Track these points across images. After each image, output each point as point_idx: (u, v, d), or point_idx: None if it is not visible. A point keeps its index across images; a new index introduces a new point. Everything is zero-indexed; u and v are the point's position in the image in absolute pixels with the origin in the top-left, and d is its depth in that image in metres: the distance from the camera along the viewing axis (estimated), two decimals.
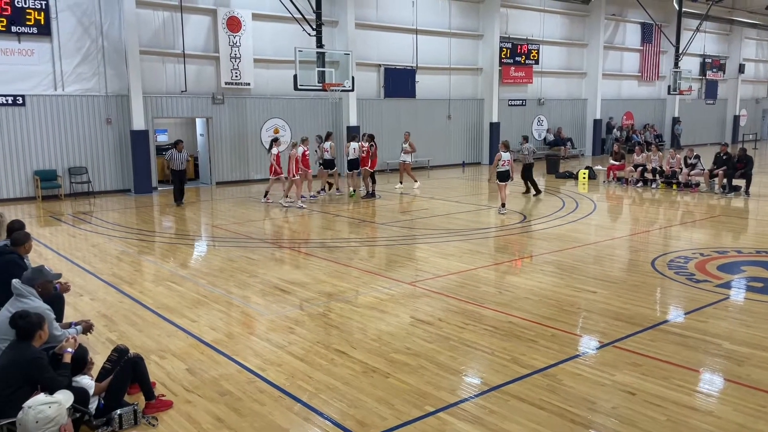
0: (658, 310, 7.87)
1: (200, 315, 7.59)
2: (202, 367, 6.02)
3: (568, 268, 9.59)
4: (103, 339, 6.71)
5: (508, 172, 14.52)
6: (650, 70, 33.74)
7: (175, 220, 14.98)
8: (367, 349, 6.41)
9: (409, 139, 19.04)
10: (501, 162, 14.45)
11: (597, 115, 30.85)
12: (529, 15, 27.72)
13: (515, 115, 28.05)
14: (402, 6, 23.51)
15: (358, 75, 20.23)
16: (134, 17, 17.63)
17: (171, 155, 16.16)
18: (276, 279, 9.18)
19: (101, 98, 17.93)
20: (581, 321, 7.33)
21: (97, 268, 9.89)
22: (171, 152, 16.23)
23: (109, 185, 18.40)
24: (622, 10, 31.52)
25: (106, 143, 18.19)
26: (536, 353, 6.23)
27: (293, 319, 7.42)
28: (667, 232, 12.75)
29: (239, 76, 20.02)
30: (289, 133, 21.16)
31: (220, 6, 19.52)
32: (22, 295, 5.08)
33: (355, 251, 11.24)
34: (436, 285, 8.75)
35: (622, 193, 18.39)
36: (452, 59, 25.42)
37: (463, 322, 7.19)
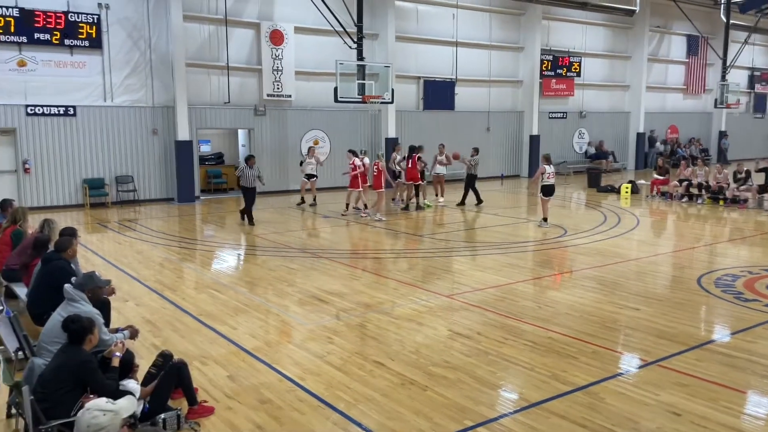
0: (704, 329, 7.67)
1: (240, 323, 7.70)
2: (242, 374, 6.11)
3: (609, 284, 9.42)
4: (148, 344, 6.87)
5: (553, 186, 14.29)
6: (696, 83, 32.99)
7: (216, 228, 15.26)
8: (404, 361, 6.41)
9: (445, 152, 18.58)
10: (546, 175, 14.17)
11: (640, 129, 30.28)
12: (570, 27, 27.47)
13: (556, 128, 27.75)
14: (442, 19, 23.58)
15: (398, 87, 20.35)
16: (181, 31, 18.13)
17: (242, 171, 15.14)
18: (314, 288, 9.26)
19: (148, 109, 18.45)
20: (624, 338, 7.18)
21: (141, 275, 10.14)
22: (242, 168, 15.17)
23: (153, 194, 18.86)
24: (667, 22, 30.96)
25: (151, 153, 18.68)
26: (577, 370, 6.13)
27: (331, 328, 7.47)
28: (714, 248, 12.41)
29: (281, 88, 20.35)
30: (328, 145, 21.36)
31: (263, 20, 19.92)
32: (73, 299, 5.25)
33: (393, 262, 11.26)
34: (474, 298, 8.69)
35: (667, 209, 17.98)
36: (492, 71, 25.34)
37: (501, 336, 7.13)
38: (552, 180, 14.20)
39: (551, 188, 14.23)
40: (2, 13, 15.95)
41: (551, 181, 14.18)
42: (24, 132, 16.72)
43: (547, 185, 14.18)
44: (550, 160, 14.61)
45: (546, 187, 14.21)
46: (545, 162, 14.35)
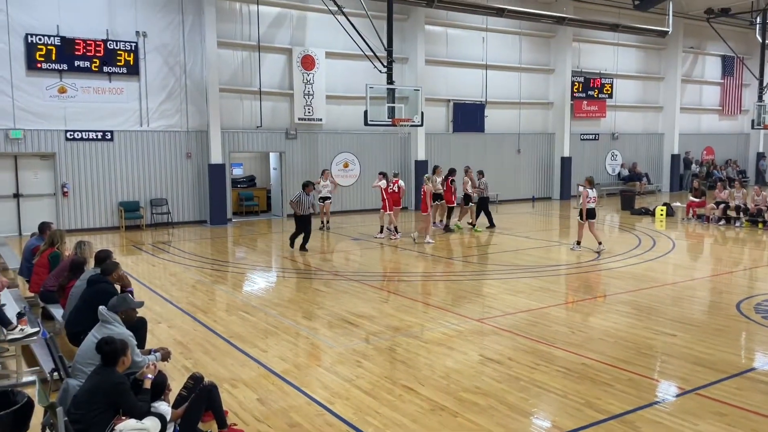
0: (744, 357, 7.42)
1: (270, 345, 7.72)
2: (272, 397, 6.11)
3: (645, 309, 9.21)
4: (179, 366, 6.93)
5: (594, 210, 14.01)
6: (732, 103, 32.40)
7: (247, 250, 15.41)
8: (434, 386, 6.33)
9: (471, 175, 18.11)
10: (589, 199, 13.89)
11: (675, 150, 29.78)
12: (601, 49, 27.32)
13: (588, 150, 27.48)
14: (472, 42, 23.69)
15: (427, 110, 20.42)
16: (215, 57, 18.56)
17: (298, 198, 14.10)
18: (344, 311, 9.25)
19: (182, 133, 18.85)
20: (660, 365, 6.99)
21: (174, 296, 10.27)
22: (298, 195, 14.20)
23: (187, 216, 19.18)
24: (701, 43, 30.57)
25: (185, 176, 19.04)
26: (612, 398, 5.98)
27: (360, 352, 7.43)
28: (753, 273, 12.06)
29: (312, 112, 20.61)
30: (358, 167, 21.50)
31: (295, 45, 20.27)
32: (107, 321, 5.33)
33: (423, 285, 11.20)
34: (505, 322, 8.58)
35: (703, 232, 17.58)
36: (522, 94, 25.29)
37: (533, 362, 7.00)
38: (593, 204, 13.99)
39: (592, 212, 13.96)
40: (45, 41, 16.55)
41: (592, 205, 13.95)
42: (63, 156, 17.22)
43: (590, 209, 13.93)
44: (593, 184, 14.37)
45: (590, 211, 13.92)
46: (588, 185, 14.11)
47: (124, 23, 17.68)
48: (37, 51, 16.46)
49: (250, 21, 19.48)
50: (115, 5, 17.53)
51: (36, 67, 16.51)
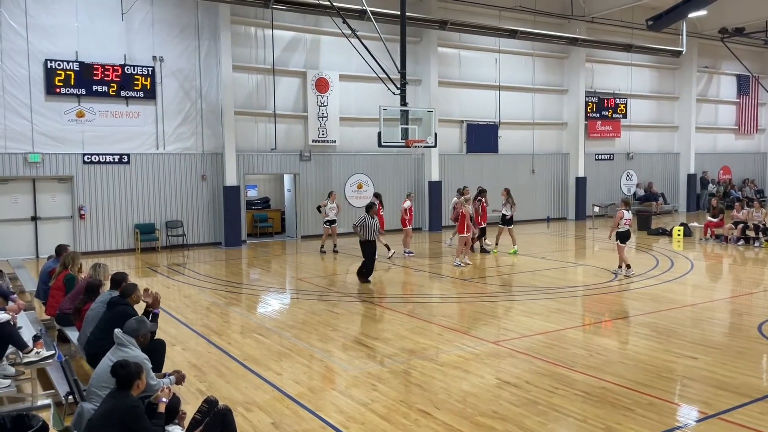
0: (767, 380, 7.25)
1: (285, 368, 7.67)
2: (286, 421, 6.04)
3: (664, 331, 9.05)
4: (193, 389, 6.89)
5: (629, 232, 13.52)
6: (748, 122, 32.16)
7: (261, 272, 15.42)
8: (451, 410, 6.24)
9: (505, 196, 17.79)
10: (624, 221, 13.34)
11: (691, 170, 29.56)
12: (615, 69, 27.32)
13: (602, 170, 27.35)
14: (485, 63, 23.79)
15: (441, 131, 20.47)
16: (230, 80, 18.79)
17: (363, 222, 12.99)
18: (358, 333, 9.19)
19: (198, 156, 19.02)
20: (681, 389, 6.84)
21: (189, 319, 10.27)
22: (362, 218, 13.11)
23: (201, 238, 19.27)
24: (716, 63, 30.48)
25: (200, 198, 19.17)
26: (633, 422, 5.84)
27: (375, 375, 7.36)
28: None
29: (326, 134, 20.73)
30: (371, 188, 21.53)
31: (309, 68, 20.48)
32: (123, 344, 5.33)
33: (437, 307, 11.11)
34: (522, 345, 8.46)
35: (722, 252, 17.33)
36: (536, 114, 25.30)
37: (551, 385, 6.88)
38: (628, 226, 13.44)
39: (627, 234, 13.45)
40: (64, 67, 16.85)
41: (627, 227, 13.41)
42: (80, 179, 17.43)
43: (622, 231, 13.39)
44: (630, 204, 13.82)
45: (623, 234, 13.40)
46: (624, 206, 13.67)
47: (142, 48, 17.98)
48: (56, 76, 16.75)
49: (265, 45, 19.73)
50: (132, 31, 17.85)
51: (55, 92, 16.80)
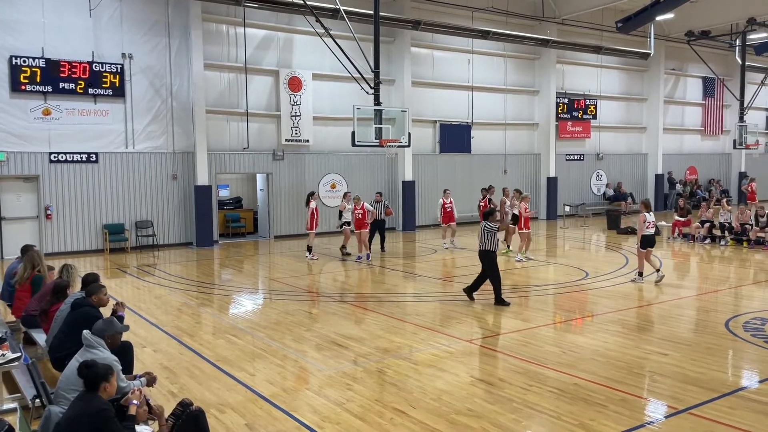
0: (735, 375, 7.41)
1: (258, 368, 7.59)
2: (260, 422, 5.97)
3: (634, 328, 9.19)
4: (165, 391, 6.77)
5: (653, 237, 12.68)
6: (713, 124, 32.91)
7: (234, 273, 15.26)
8: (426, 408, 6.23)
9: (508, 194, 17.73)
10: (646, 224, 12.50)
11: (659, 170, 30.14)
12: (585, 70, 27.71)
13: (573, 170, 27.72)
14: (458, 64, 23.92)
15: (414, 131, 20.51)
16: (202, 79, 18.55)
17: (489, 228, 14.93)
18: (332, 333, 9.14)
19: (168, 155, 18.74)
20: (652, 385, 6.95)
21: (159, 320, 10.10)
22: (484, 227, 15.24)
23: (172, 238, 18.99)
24: (682, 65, 31.12)
25: (171, 198, 18.89)
26: (605, 418, 5.91)
27: (350, 375, 7.32)
28: (739, 291, 12.11)
29: (299, 133, 20.61)
30: (345, 188, 21.47)
31: (282, 67, 20.34)
32: (91, 345, 5.20)
33: (411, 306, 11.12)
34: (496, 343, 8.51)
35: (689, 250, 17.69)
36: (508, 115, 25.52)
37: (525, 383, 6.93)
38: (652, 230, 12.59)
39: (652, 239, 12.57)
40: (29, 63, 16.45)
41: (651, 231, 12.54)
42: (47, 179, 17.03)
43: (646, 236, 12.52)
44: (651, 207, 12.96)
45: (645, 238, 12.53)
46: (645, 209, 12.73)
47: (110, 45, 17.65)
48: (21, 73, 16.36)
49: (237, 43, 19.54)
50: (100, 28, 17.51)
51: (20, 89, 16.40)
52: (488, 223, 10.83)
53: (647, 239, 12.51)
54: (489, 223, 10.83)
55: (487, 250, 10.77)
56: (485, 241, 10.77)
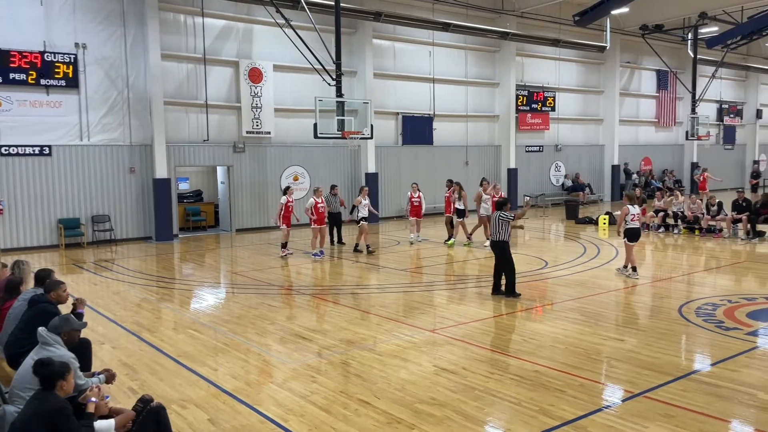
0: (688, 359, 7.67)
1: (221, 363, 7.53)
2: (223, 417, 5.93)
3: (592, 315, 9.42)
4: (125, 388, 6.66)
5: (639, 230, 12.31)
6: (667, 116, 33.84)
7: (195, 267, 15.05)
8: (390, 398, 6.29)
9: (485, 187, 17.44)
10: (630, 217, 12.14)
11: (615, 161, 30.85)
12: (544, 63, 28.12)
13: (533, 161, 28.15)
14: (419, 56, 23.98)
15: (377, 123, 20.51)
16: (159, 70, 18.16)
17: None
18: (296, 326, 9.11)
19: (125, 148, 18.32)
20: (609, 370, 7.15)
21: (118, 316, 9.91)
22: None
23: (130, 233, 18.60)
24: (637, 58, 31.85)
25: (128, 191, 18.49)
26: (565, 404, 6.06)
27: (314, 367, 7.33)
28: (692, 278, 12.52)
29: (260, 125, 20.40)
30: (308, 180, 21.36)
31: (242, 58, 20.07)
32: (47, 343, 5.07)
33: (375, 297, 11.16)
34: (458, 332, 8.62)
35: (644, 239, 18.13)
36: (469, 107, 25.73)
37: (487, 371, 7.05)
38: (637, 223, 12.25)
39: (637, 232, 12.23)
40: None
41: (636, 224, 12.21)
42: None
43: (631, 228, 12.16)
44: (635, 200, 12.54)
45: (630, 231, 12.18)
46: (629, 201, 12.32)
47: (63, 35, 17.12)
48: None
49: (195, 33, 19.19)
50: (52, 16, 16.96)
51: None
52: (503, 213, 10.68)
53: (633, 232, 12.19)
54: (503, 213, 10.68)
55: (500, 241, 10.65)
56: (499, 230, 10.64)
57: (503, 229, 10.61)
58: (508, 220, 10.63)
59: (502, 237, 10.64)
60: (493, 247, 10.88)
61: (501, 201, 11.13)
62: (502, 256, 10.70)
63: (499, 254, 10.74)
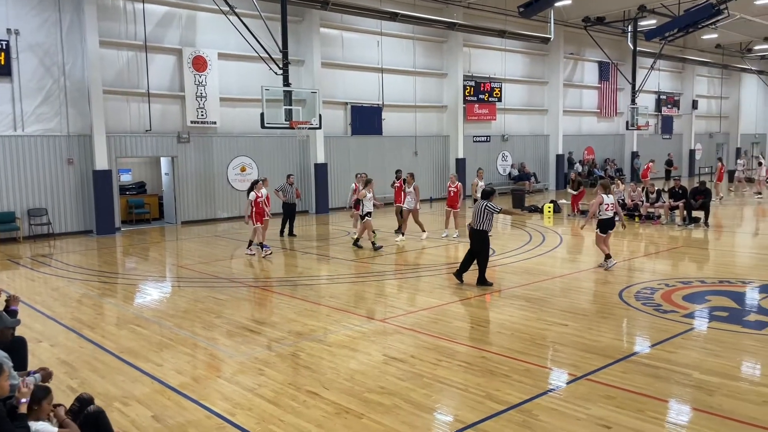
0: (628, 342, 7.93)
1: (166, 359, 7.35)
2: (168, 413, 5.80)
3: (537, 302, 9.63)
4: (64, 387, 6.43)
5: (612, 220, 12.13)
6: (608, 106, 34.81)
7: (138, 261, 14.65)
8: (339, 389, 6.28)
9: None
10: (604, 206, 11.97)
11: (559, 151, 31.57)
12: (490, 54, 28.46)
13: (480, 151, 28.52)
14: (367, 46, 23.90)
15: (325, 113, 20.36)
16: (97, 57, 17.50)
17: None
18: (244, 319, 8.99)
19: (63, 138, 17.62)
20: (554, 354, 7.33)
21: (57, 313, 9.55)
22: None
23: (70, 227, 17.94)
24: (580, 50, 32.60)
25: (67, 184, 17.80)
26: (510, 388, 6.18)
27: (263, 360, 7.24)
28: (632, 264, 12.95)
29: (205, 115, 19.95)
30: (256, 171, 21.05)
31: (185, 46, 19.55)
32: None
33: (325, 289, 11.12)
34: (408, 321, 8.67)
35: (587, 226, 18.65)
36: (417, 97, 25.83)
37: (436, 358, 7.12)
38: (611, 212, 12.06)
39: (610, 222, 12.05)
40: None
41: (609, 214, 12.01)
42: None
43: (604, 219, 12.01)
44: (610, 189, 12.41)
45: (603, 221, 12.03)
46: (603, 191, 12.15)
47: None
48: None
49: (136, 20, 18.58)
50: None
51: None
52: (490, 204, 10.62)
53: (605, 222, 12.03)
54: (491, 204, 10.62)
55: (481, 230, 10.61)
56: (483, 220, 10.56)
57: (488, 219, 10.60)
58: (493, 211, 10.61)
59: (485, 227, 10.63)
60: (474, 235, 10.74)
61: (488, 191, 11.01)
62: (481, 246, 10.69)
63: (478, 243, 10.68)
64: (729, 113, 44.20)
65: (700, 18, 24.91)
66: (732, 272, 11.77)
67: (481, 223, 10.62)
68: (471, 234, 10.85)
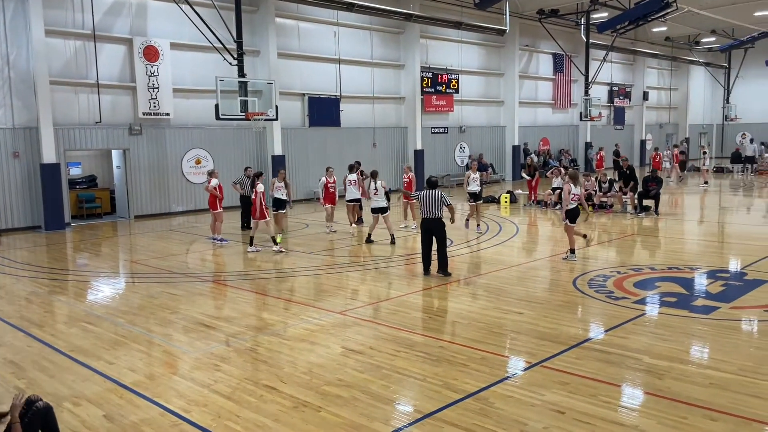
0: (582, 329, 8.10)
1: (118, 356, 7.17)
2: (121, 412, 5.66)
3: (494, 291, 9.76)
4: (11, 388, 6.21)
5: (578, 210, 12.04)
6: (563, 98, 35.42)
7: (90, 256, 14.25)
8: (297, 382, 6.23)
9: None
10: (573, 196, 11.88)
11: (515, 142, 31.99)
12: (447, 45, 28.59)
13: (438, 143, 28.67)
14: (324, 36, 23.70)
15: (282, 104, 20.13)
16: (43, 47, 16.88)
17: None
18: (200, 315, 8.84)
19: (8, 131, 16.96)
20: (509, 342, 7.44)
21: (3, 311, 9.21)
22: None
23: (17, 222, 17.32)
24: (535, 42, 33.04)
25: (12, 178, 17.16)
26: (468, 377, 6.25)
27: (219, 355, 7.14)
28: (585, 252, 13.22)
29: (158, 106, 19.48)
30: (211, 163, 20.68)
31: (136, 35, 19.02)
32: None
33: (283, 282, 11.02)
34: (367, 313, 8.67)
35: (542, 216, 19.02)
36: (375, 88, 25.77)
37: (394, 349, 7.14)
38: (576, 202, 11.95)
39: (576, 212, 12.00)
40: None
41: (574, 204, 11.93)
42: None
43: (571, 210, 11.93)
44: (578, 180, 12.30)
45: (572, 212, 11.95)
46: (571, 180, 12.05)
47: None
48: None
49: (83, 8, 17.98)
50: None
51: None
52: (443, 194, 10.75)
53: (572, 212, 11.97)
54: (444, 195, 10.75)
55: (440, 218, 10.72)
56: (439, 209, 10.69)
57: (441, 208, 10.70)
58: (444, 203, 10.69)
59: (440, 214, 10.73)
60: (434, 223, 10.72)
61: (434, 181, 11.08)
62: (442, 232, 10.79)
63: (439, 230, 10.74)
64: (678, 104, 45.51)
65: (650, 11, 25.51)
66: (680, 259, 12.15)
67: (438, 212, 10.72)
68: (430, 223, 10.78)
